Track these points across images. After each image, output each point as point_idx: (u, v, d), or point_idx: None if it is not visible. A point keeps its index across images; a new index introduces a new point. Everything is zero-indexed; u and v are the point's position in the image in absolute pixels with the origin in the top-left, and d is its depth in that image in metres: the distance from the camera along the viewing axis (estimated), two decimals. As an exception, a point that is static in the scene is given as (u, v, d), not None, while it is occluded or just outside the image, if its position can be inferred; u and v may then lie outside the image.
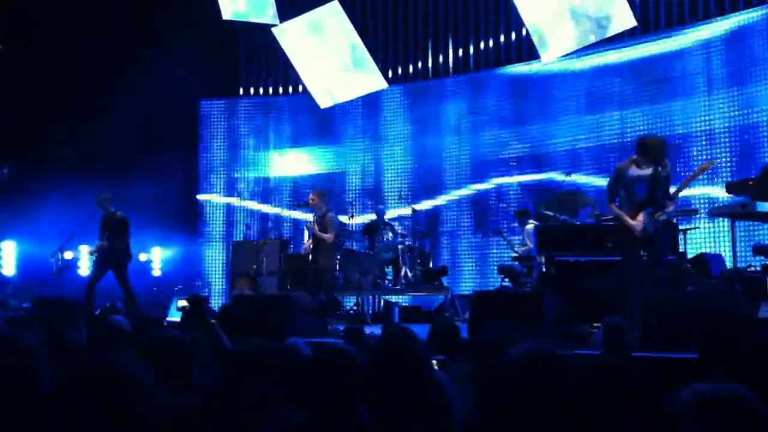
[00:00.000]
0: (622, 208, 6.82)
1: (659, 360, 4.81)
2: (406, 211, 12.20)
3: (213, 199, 14.29)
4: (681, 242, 8.53)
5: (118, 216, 9.87)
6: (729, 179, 9.44)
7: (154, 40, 11.99)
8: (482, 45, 12.89)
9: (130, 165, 12.40)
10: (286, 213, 13.80)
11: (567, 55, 11.30)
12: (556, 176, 11.34)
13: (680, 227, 8.68)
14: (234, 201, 14.19)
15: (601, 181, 10.49)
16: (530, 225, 10.25)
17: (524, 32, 11.85)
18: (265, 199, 14.17)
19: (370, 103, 13.48)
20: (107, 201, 9.93)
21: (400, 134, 13.43)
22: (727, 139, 10.23)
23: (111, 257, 9.74)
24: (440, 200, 12.95)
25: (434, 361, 3.74)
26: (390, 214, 12.43)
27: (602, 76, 11.52)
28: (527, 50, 12.15)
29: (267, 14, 12.95)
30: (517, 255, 10.40)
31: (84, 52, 12.39)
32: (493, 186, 12.46)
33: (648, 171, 6.72)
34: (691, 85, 10.62)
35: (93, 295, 9.56)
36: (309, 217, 10.16)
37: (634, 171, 6.76)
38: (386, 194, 13.30)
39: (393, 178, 13.40)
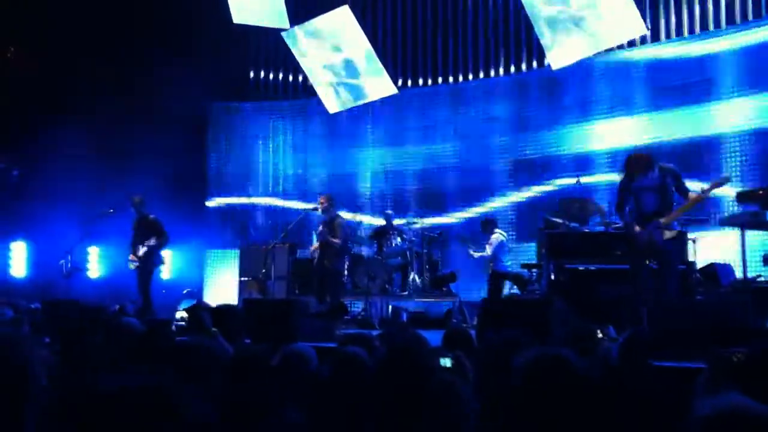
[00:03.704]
0: (632, 217, 6.81)
1: (670, 370, 4.79)
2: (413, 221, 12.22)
3: (222, 202, 14.32)
4: (691, 252, 8.49)
5: (151, 219, 9.93)
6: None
7: (164, 42, 12.05)
8: (492, 51, 12.90)
9: (139, 167, 12.44)
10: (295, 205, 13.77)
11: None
12: (566, 181, 11.34)
13: (689, 236, 8.64)
14: (243, 200, 14.22)
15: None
16: (495, 234, 10.39)
17: (533, 40, 11.83)
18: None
19: (380, 107, 13.50)
20: (141, 203, 9.98)
21: (409, 138, 13.44)
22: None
23: (143, 259, 9.80)
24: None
25: (448, 358, 3.72)
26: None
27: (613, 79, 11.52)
28: (538, 57, 12.18)
29: (277, 18, 12.97)
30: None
31: (94, 54, 12.46)
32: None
33: (655, 181, 6.69)
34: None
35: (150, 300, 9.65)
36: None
37: (641, 180, 6.73)
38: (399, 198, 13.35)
39: (399, 183, 13.40)
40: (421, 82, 13.58)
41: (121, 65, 12.69)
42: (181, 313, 9.05)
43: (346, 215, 11.49)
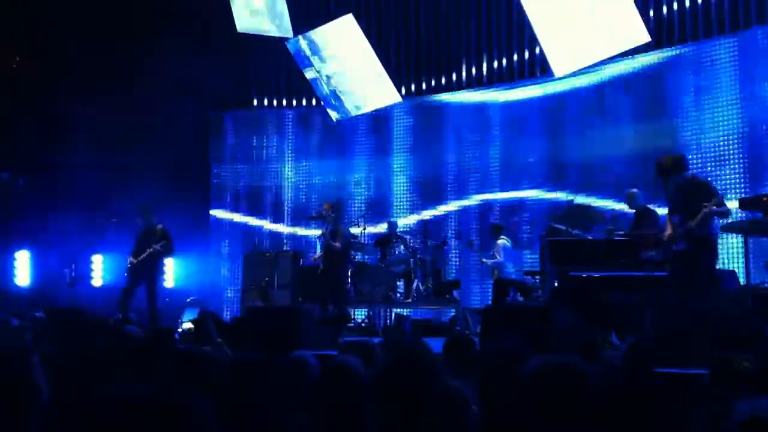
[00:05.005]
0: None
1: (674, 375, 4.78)
2: (412, 219, 12.22)
3: (225, 216, 14.33)
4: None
5: (159, 228, 9.98)
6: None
7: (167, 52, 12.09)
8: (495, 61, 12.90)
9: (142, 176, 12.47)
10: (300, 231, 13.80)
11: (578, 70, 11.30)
12: (564, 196, 11.32)
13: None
14: (249, 220, 14.23)
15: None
16: (501, 240, 10.38)
17: (537, 49, 11.82)
18: (275, 211, 14.21)
19: (382, 115, 13.53)
20: (149, 212, 10.04)
21: (409, 147, 13.45)
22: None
23: (145, 268, 9.83)
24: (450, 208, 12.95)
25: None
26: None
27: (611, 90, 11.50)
28: (540, 66, 12.17)
29: (281, 27, 13.02)
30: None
31: (96, 60, 12.51)
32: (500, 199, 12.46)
33: (672, 189, 6.82)
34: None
35: (128, 306, 9.69)
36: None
37: (669, 189, 6.87)
38: (395, 206, 13.35)
39: (401, 191, 13.40)
40: (424, 89, 13.57)
41: (123, 71, 12.73)
42: (187, 324, 9.07)
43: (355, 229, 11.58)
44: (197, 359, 3.00)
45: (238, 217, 14.28)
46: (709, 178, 8.17)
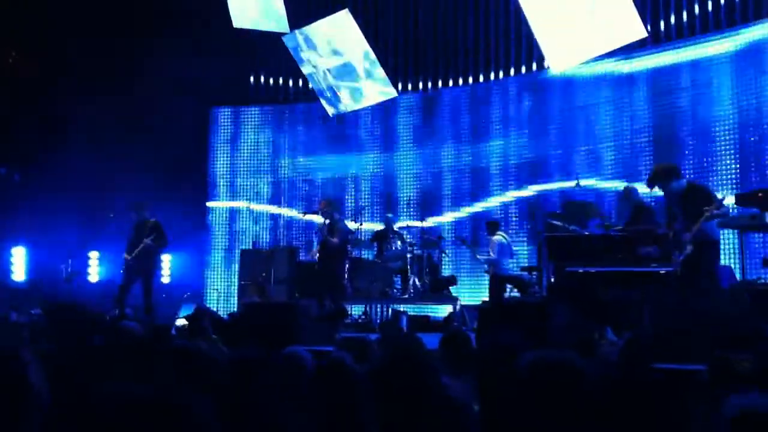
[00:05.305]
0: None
1: (672, 372, 4.79)
2: (418, 223, 12.25)
3: (222, 206, 14.33)
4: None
5: (151, 222, 9.94)
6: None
7: (165, 48, 12.08)
8: (492, 55, 12.89)
9: (140, 171, 12.45)
10: (298, 215, 13.78)
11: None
12: (566, 184, 11.34)
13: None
14: (243, 204, 14.23)
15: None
16: (497, 236, 10.41)
17: (534, 44, 11.81)
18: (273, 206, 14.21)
19: (380, 111, 13.52)
20: (141, 207, 10.00)
21: (410, 142, 13.44)
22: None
23: (141, 263, 9.81)
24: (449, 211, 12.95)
25: None
26: (400, 223, 12.43)
27: (614, 86, 11.51)
28: (537, 61, 12.18)
29: (277, 22, 12.99)
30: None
31: (94, 57, 12.48)
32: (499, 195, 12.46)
33: (670, 197, 6.86)
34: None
35: (124, 302, 9.67)
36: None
37: (670, 193, 6.89)
38: (397, 202, 13.36)
39: (403, 187, 13.40)
40: (420, 85, 13.58)
41: (122, 68, 12.70)
42: (181, 321, 9.03)
43: (351, 224, 11.57)
44: (196, 358, 2.99)
45: (235, 210, 14.28)
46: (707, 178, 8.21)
